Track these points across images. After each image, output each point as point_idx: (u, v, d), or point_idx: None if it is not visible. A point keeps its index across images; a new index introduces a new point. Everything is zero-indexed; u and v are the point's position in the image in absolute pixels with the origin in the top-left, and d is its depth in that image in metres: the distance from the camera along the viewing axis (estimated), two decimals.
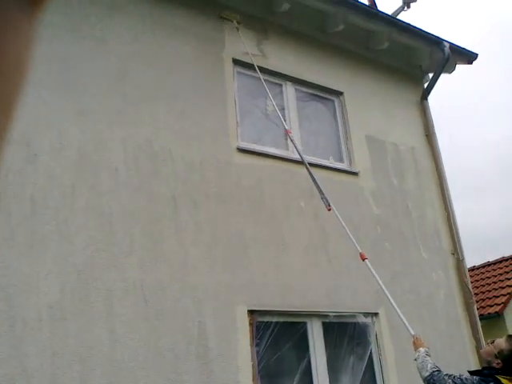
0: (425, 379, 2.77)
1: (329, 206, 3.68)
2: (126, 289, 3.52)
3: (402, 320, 3.15)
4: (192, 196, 4.12)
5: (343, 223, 3.60)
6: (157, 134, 4.15)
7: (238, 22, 5.06)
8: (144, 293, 3.58)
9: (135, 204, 3.81)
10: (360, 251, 3.41)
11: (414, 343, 3.05)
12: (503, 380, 2.56)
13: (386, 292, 3.23)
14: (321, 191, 3.77)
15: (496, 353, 2.65)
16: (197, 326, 3.70)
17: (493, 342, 2.77)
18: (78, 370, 3.16)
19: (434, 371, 2.75)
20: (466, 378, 2.68)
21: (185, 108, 4.41)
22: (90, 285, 3.41)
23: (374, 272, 3.25)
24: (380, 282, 3.21)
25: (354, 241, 3.48)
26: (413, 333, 3.07)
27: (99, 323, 3.35)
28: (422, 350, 2.94)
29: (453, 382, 2.65)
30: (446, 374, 2.72)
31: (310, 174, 3.86)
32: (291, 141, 4.13)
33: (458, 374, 2.75)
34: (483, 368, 2.80)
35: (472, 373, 2.81)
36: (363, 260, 3.40)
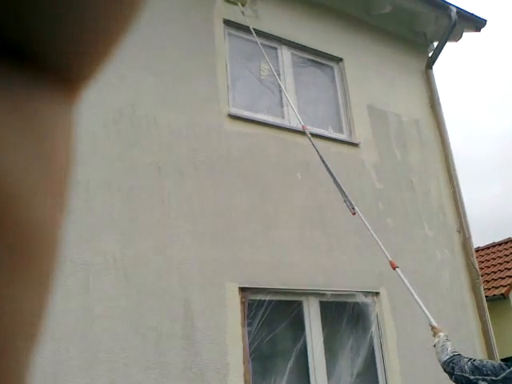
0: (444, 363, 2.50)
1: (353, 209, 3.35)
2: (104, 263, 3.23)
3: (420, 307, 2.86)
4: (178, 165, 3.81)
5: (370, 228, 3.27)
6: (140, 99, 3.82)
7: (243, 5, 4.70)
8: (125, 267, 3.29)
9: (115, 173, 3.50)
10: (390, 259, 3.09)
11: (433, 329, 2.78)
12: None
13: (418, 300, 2.90)
14: (344, 194, 3.43)
15: None
16: (182, 304, 3.42)
17: None
18: (49, 349, 2.88)
19: (454, 355, 2.49)
20: (487, 361, 2.41)
21: (171, 71, 4.07)
22: (65, 258, 3.11)
23: (406, 282, 2.93)
24: (413, 291, 2.90)
25: (382, 248, 3.14)
26: (434, 323, 2.80)
27: (75, 300, 3.07)
28: (441, 334, 2.68)
29: (472, 364, 2.37)
30: (467, 358, 2.45)
31: (332, 174, 3.49)
32: (308, 138, 3.76)
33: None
34: None
35: (502, 360, 2.54)
36: (394, 269, 3.08)
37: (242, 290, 3.75)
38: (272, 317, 3.83)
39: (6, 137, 0.15)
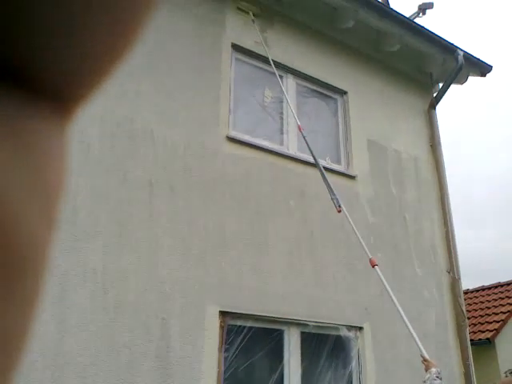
0: None
1: (339, 207, 3.34)
2: (84, 274, 3.20)
3: (413, 337, 2.78)
4: (171, 183, 3.80)
5: (353, 225, 3.25)
6: (139, 112, 3.84)
7: (254, 15, 4.80)
8: (104, 281, 3.26)
9: (106, 184, 3.49)
10: (370, 257, 3.05)
11: (425, 363, 2.68)
12: None
13: (396, 302, 2.86)
14: (331, 191, 3.43)
15: None
16: (160, 323, 3.37)
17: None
18: None
19: None
20: None
21: (174, 88, 4.10)
22: None
23: (383, 280, 2.89)
24: (390, 290, 2.86)
25: (363, 245, 3.11)
26: (426, 356, 2.71)
27: (48, 309, 3.03)
28: (433, 370, 2.57)
29: None
30: None
31: (321, 171, 3.55)
32: (303, 137, 3.80)
33: None
34: None
35: None
36: (373, 266, 3.02)
37: (223, 313, 3.70)
38: (250, 344, 3.77)
39: (1, 162, 0.15)
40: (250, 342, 3.78)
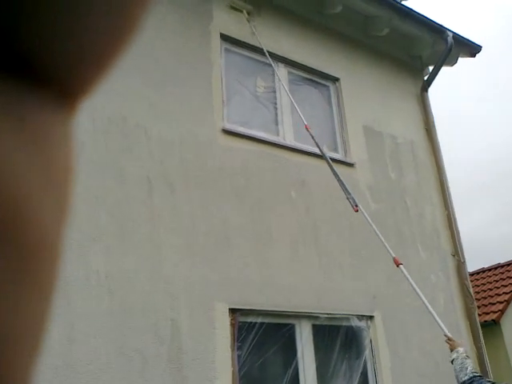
0: (463, 383, 2.32)
1: (356, 206, 3.21)
2: (87, 279, 3.04)
3: (434, 318, 2.69)
4: (169, 178, 3.66)
5: (372, 224, 3.13)
6: (131, 108, 3.69)
7: (249, 13, 4.66)
8: (109, 284, 3.10)
9: (103, 184, 3.34)
10: (393, 256, 2.94)
11: (449, 342, 2.59)
12: None
13: (422, 296, 2.76)
14: (346, 190, 3.30)
15: None
16: (169, 324, 3.22)
17: None
18: None
19: (475, 375, 2.30)
20: None
21: (166, 81, 3.96)
22: None
23: (409, 278, 2.78)
24: (416, 287, 2.75)
25: (386, 245, 2.99)
26: (450, 335, 2.62)
27: (54, 317, 2.86)
28: (460, 349, 2.48)
29: None
30: (489, 381, 2.28)
31: (333, 170, 3.39)
32: (311, 136, 3.67)
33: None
34: None
35: None
36: (397, 266, 2.91)
37: (232, 311, 3.57)
38: (263, 340, 3.65)
39: (10, 150, 0.15)
40: (262, 338, 3.66)
